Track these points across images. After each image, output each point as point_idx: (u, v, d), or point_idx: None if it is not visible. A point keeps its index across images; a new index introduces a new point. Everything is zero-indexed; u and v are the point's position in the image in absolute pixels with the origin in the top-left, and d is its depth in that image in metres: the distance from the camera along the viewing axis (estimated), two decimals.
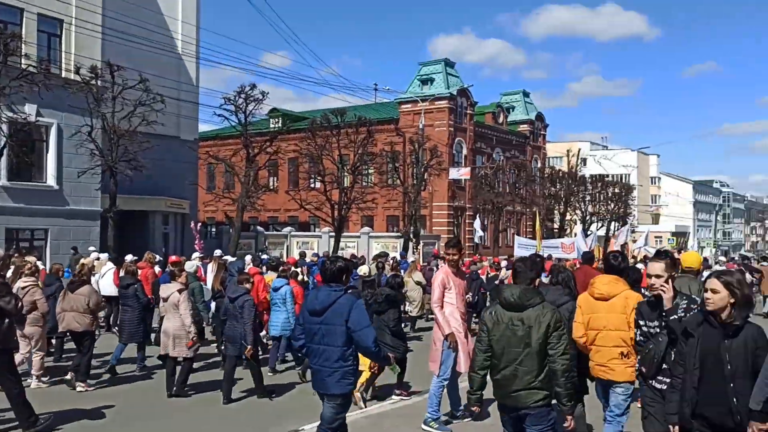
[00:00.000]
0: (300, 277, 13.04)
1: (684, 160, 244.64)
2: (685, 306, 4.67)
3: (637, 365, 5.07)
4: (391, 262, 18.10)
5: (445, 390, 7.26)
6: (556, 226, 51.65)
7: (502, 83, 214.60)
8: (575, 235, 36.15)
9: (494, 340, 4.63)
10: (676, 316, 4.62)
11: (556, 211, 51.88)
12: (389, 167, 38.20)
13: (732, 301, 4.01)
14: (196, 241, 21.39)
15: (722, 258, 31.29)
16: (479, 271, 16.89)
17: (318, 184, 34.15)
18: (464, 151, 46.29)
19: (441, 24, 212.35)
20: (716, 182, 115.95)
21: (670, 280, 4.88)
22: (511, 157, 51.02)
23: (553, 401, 4.63)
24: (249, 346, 8.66)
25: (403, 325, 9.84)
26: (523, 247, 24.59)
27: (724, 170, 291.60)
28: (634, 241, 37.39)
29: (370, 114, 39.12)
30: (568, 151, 56.58)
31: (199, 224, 27.26)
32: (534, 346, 4.48)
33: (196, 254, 16.90)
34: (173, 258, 13.49)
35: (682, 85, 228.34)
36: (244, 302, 8.70)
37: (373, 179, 41.06)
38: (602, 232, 54.19)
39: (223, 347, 9.96)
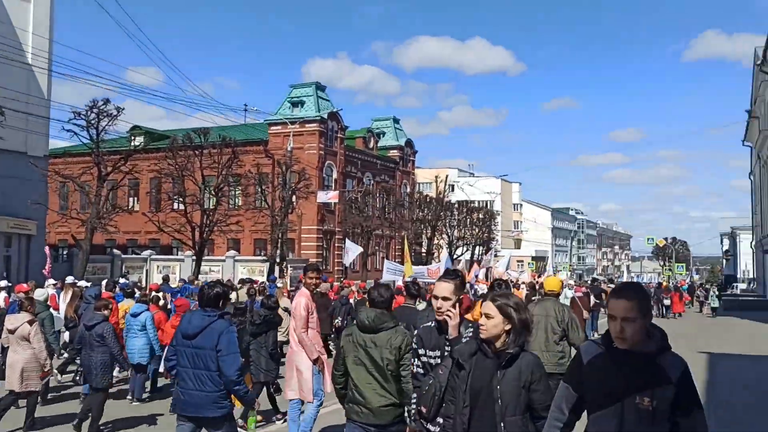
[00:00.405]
0: (161, 302, 12.73)
1: (544, 188, 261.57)
2: (470, 334, 3.93)
3: (413, 404, 4.27)
4: (258, 287, 18.01)
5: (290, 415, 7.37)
6: (423, 250, 53.41)
7: (377, 109, 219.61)
8: (439, 260, 37.50)
9: (349, 360, 4.81)
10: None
11: (423, 236, 53.73)
12: (256, 189, 37.95)
13: (508, 327, 3.57)
14: (46, 265, 20.19)
15: (570, 282, 33.30)
16: (348, 296, 16.95)
17: (181, 206, 33.28)
18: (334, 175, 46.91)
19: (317, 48, 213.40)
20: (572, 210, 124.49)
21: (457, 305, 4.29)
22: (381, 182, 52.31)
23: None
24: (126, 371, 8.44)
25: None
26: (391, 271, 25.02)
27: (579, 198, 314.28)
28: (497, 264, 39.44)
29: (238, 135, 38.73)
30: (436, 177, 58.78)
31: (47, 247, 25.73)
32: (385, 367, 4.67)
33: (49, 281, 15.99)
34: (23, 286, 12.72)
35: (544, 117, 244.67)
36: (104, 330, 8.45)
37: (240, 201, 40.50)
38: (467, 255, 56.73)
39: (78, 378, 9.53)
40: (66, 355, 12.68)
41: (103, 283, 15.91)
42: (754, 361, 15.78)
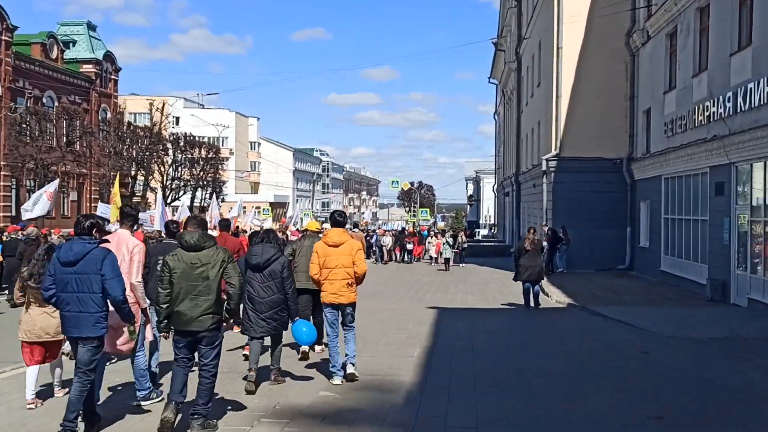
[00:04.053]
0: None
1: (289, 127, 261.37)
2: None
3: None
4: None
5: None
6: (128, 191, 47.90)
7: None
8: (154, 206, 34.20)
9: (176, 277, 6.38)
10: None
11: (128, 176, 48.21)
12: None
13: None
14: None
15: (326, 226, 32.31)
16: None
17: None
18: None
19: None
20: (317, 151, 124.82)
21: None
22: (72, 104, 45.34)
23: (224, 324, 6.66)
24: None
25: None
26: (105, 214, 23.12)
27: (330, 141, 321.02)
28: (229, 211, 36.96)
29: None
30: (150, 104, 53.25)
31: None
32: (211, 279, 6.35)
33: None
34: None
35: (292, 48, 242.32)
36: None
37: None
38: (187, 199, 52.44)
39: None
40: None
41: None
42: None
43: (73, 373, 6.16)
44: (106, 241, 6.55)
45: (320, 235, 9.97)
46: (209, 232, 12.88)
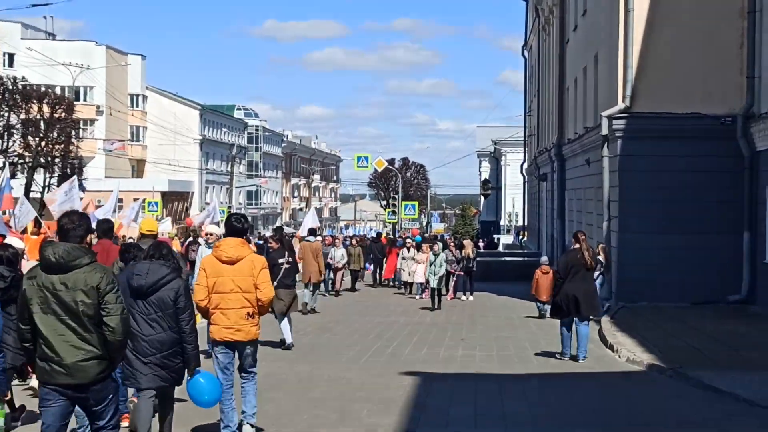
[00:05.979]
0: None
1: (194, 72, 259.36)
2: None
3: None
4: None
5: None
6: None
7: None
8: None
9: (35, 309, 6.88)
10: None
11: None
12: None
13: None
14: None
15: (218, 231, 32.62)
16: None
17: None
18: None
19: None
20: (240, 109, 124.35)
21: None
22: None
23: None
24: None
25: None
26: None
27: (264, 95, 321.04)
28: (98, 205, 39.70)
29: None
30: None
31: None
32: (86, 312, 6.85)
33: None
34: None
35: None
36: None
37: None
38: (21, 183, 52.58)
39: None
40: None
41: None
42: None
43: None
44: None
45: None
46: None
